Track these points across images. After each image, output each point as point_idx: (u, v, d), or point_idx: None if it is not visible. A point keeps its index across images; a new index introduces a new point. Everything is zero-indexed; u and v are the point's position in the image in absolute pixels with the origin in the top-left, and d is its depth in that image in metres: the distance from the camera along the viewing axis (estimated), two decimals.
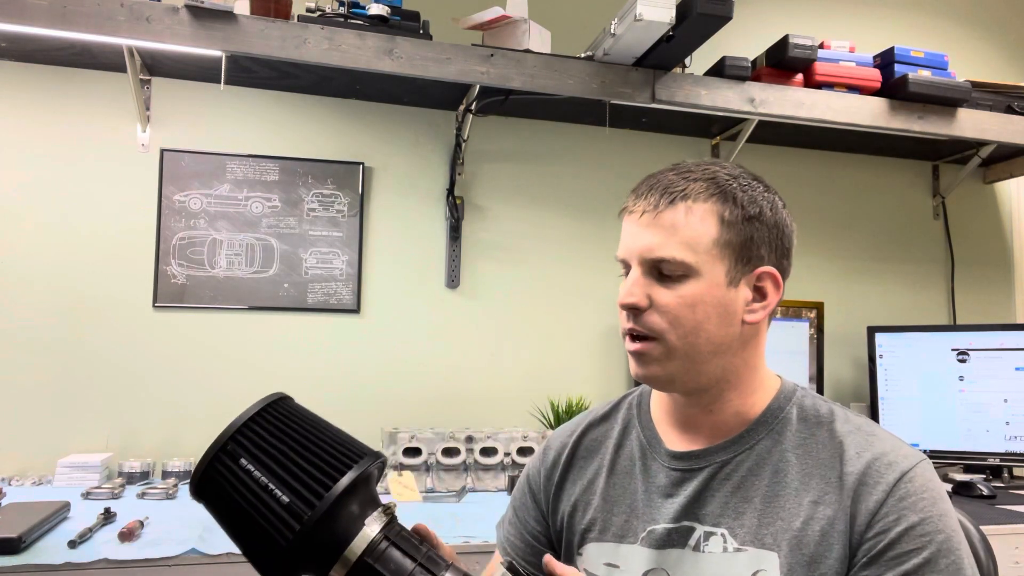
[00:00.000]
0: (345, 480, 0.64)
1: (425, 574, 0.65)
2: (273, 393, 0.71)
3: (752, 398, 0.88)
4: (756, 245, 0.84)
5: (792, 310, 2.45)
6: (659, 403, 0.95)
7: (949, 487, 2.08)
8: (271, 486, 0.63)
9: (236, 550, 1.44)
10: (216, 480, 0.65)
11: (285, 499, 0.63)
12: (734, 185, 0.85)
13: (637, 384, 0.94)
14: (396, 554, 0.66)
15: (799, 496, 0.81)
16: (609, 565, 0.89)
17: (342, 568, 0.64)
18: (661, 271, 0.83)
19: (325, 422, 0.71)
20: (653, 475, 0.90)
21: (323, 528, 0.63)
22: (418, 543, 0.68)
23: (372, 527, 0.65)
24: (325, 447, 0.66)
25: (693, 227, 0.82)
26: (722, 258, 0.83)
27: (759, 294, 0.86)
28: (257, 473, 0.64)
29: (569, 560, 0.95)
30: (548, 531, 0.99)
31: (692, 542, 0.84)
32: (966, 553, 0.77)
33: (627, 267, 0.86)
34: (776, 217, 0.86)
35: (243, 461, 0.64)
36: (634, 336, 0.85)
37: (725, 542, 0.83)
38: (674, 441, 0.91)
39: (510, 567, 0.70)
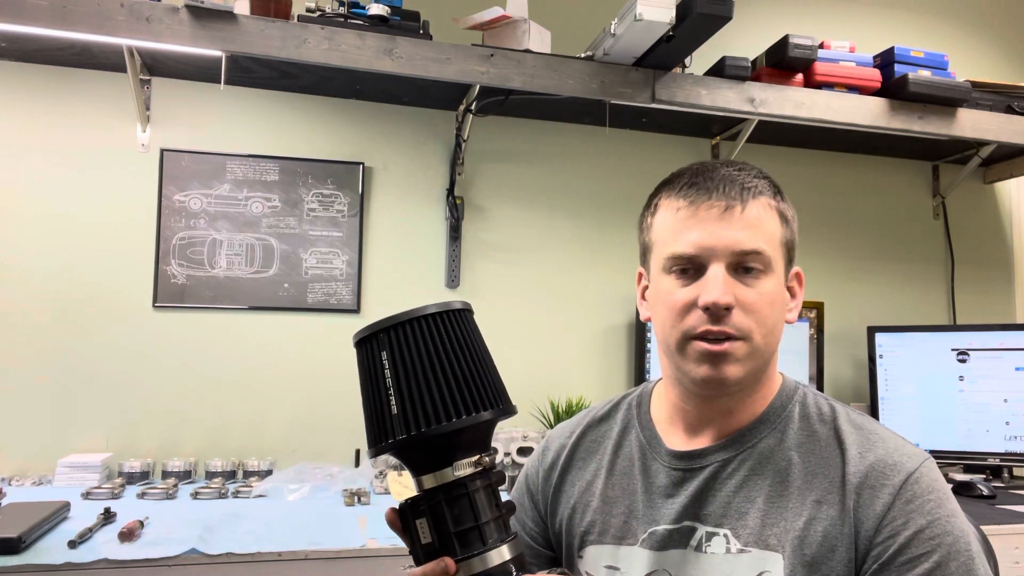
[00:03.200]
0: (451, 425, 0.68)
1: (476, 536, 0.69)
2: (456, 300, 0.74)
3: (760, 396, 0.87)
4: (795, 245, 0.87)
5: None
6: (661, 403, 0.94)
7: (949, 486, 2.08)
8: (391, 392, 0.69)
9: (236, 550, 1.45)
10: (364, 350, 0.71)
11: (395, 410, 0.68)
12: (776, 184, 0.87)
13: (637, 383, 0.94)
14: (465, 504, 0.70)
15: (802, 495, 0.81)
16: (610, 568, 0.89)
17: (429, 481, 0.70)
18: (744, 267, 0.81)
19: (481, 354, 0.74)
20: (653, 475, 0.89)
21: (416, 449, 0.69)
22: (491, 507, 0.71)
23: (457, 471, 0.70)
24: (457, 382, 0.70)
25: (770, 223, 0.84)
26: (783, 256, 0.85)
27: (791, 294, 0.88)
28: (388, 373, 0.69)
29: (570, 563, 0.94)
30: (546, 532, 0.99)
31: (694, 543, 0.84)
32: (977, 552, 0.76)
33: (691, 266, 0.82)
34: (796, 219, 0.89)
35: (384, 355, 0.70)
36: (720, 337, 0.80)
37: (728, 543, 0.82)
38: (674, 440, 0.90)
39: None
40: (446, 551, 0.69)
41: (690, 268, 0.83)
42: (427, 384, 0.68)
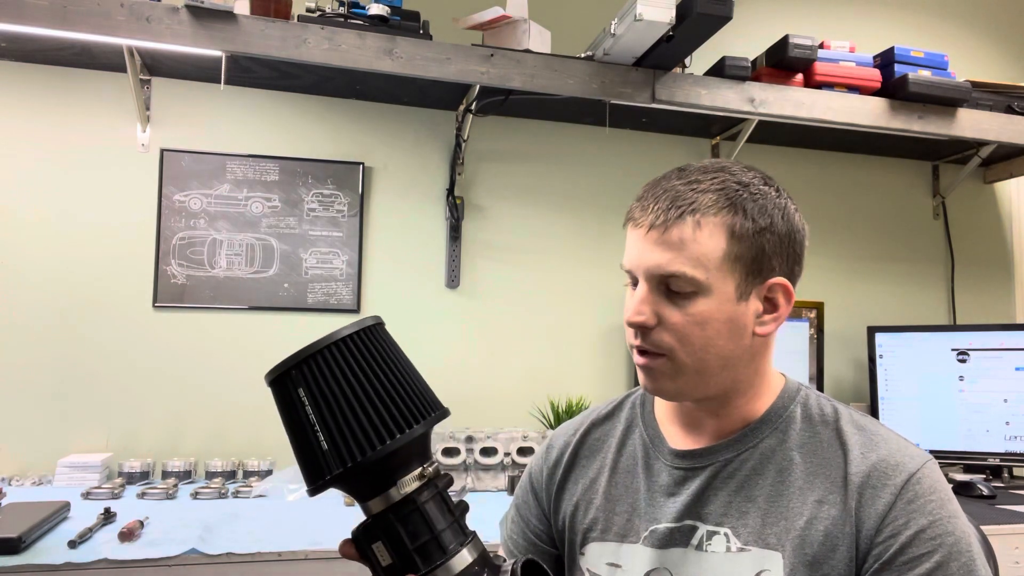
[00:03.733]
0: (386, 448, 0.66)
1: (435, 547, 0.68)
2: (367, 317, 0.72)
3: (758, 400, 0.87)
4: (767, 257, 0.81)
5: (792, 310, 2.45)
6: (663, 402, 0.95)
7: (950, 486, 2.08)
8: (316, 427, 0.66)
9: (236, 550, 1.45)
10: (280, 389, 0.69)
11: (324, 446, 0.66)
12: (744, 195, 0.81)
13: (637, 383, 0.94)
14: (417, 519, 0.69)
15: (803, 495, 0.81)
16: (611, 565, 0.89)
17: (376, 505, 0.69)
18: (669, 287, 0.81)
19: (401, 366, 0.71)
20: (656, 474, 0.90)
21: (355, 478, 0.67)
22: (443, 513, 0.70)
23: (403, 490, 0.69)
24: (383, 403, 0.68)
25: (702, 243, 0.79)
26: (732, 272, 0.80)
27: (770, 305, 0.84)
28: (309, 409, 0.67)
29: (572, 559, 0.95)
30: (550, 530, 0.99)
31: (695, 541, 0.84)
32: (978, 553, 0.77)
33: (633, 278, 0.84)
34: (788, 225, 0.83)
35: (301, 392, 0.67)
36: (642, 351, 0.83)
37: (728, 542, 0.82)
38: (677, 440, 0.90)
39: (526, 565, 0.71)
40: (408, 569, 0.68)
41: (632, 280, 0.85)
42: (352, 413, 0.66)
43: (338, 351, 0.68)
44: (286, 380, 0.68)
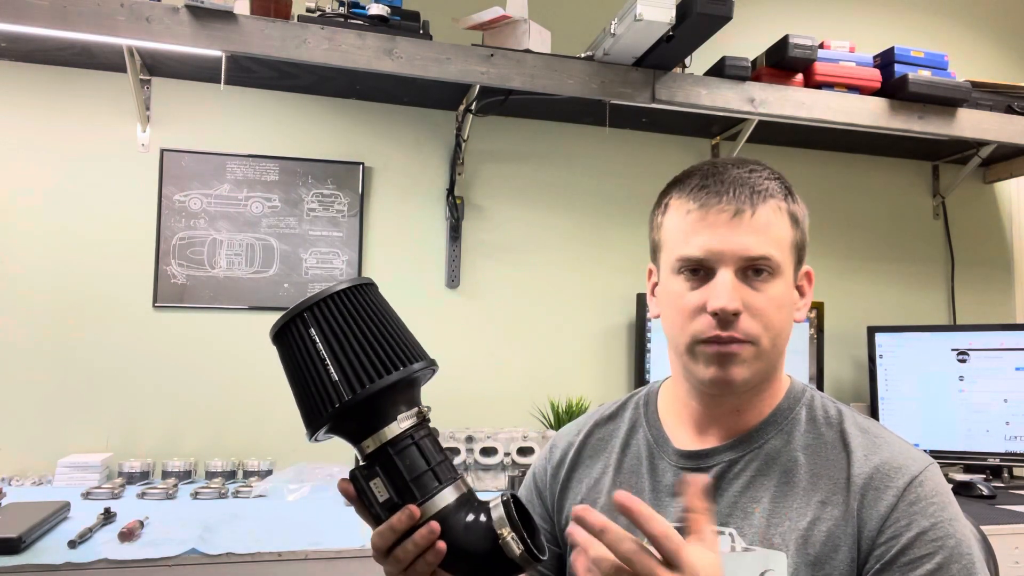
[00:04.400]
0: (390, 378, 0.72)
1: (431, 478, 0.73)
2: (362, 276, 0.79)
3: (769, 396, 0.88)
4: (806, 244, 0.87)
5: None
6: (668, 402, 0.95)
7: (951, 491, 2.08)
8: (328, 361, 0.72)
9: (236, 550, 1.45)
10: (287, 337, 0.75)
11: (335, 376, 0.72)
12: (788, 185, 0.87)
13: (639, 384, 0.94)
14: (414, 452, 0.73)
15: (807, 496, 0.81)
16: None
17: (372, 444, 0.73)
18: (752, 271, 0.81)
19: (396, 318, 0.79)
20: (660, 474, 0.90)
21: (359, 411, 0.72)
22: (436, 451, 0.75)
23: (402, 424, 0.73)
24: (385, 341, 0.74)
25: (780, 226, 0.83)
26: (791, 258, 0.85)
27: (800, 293, 0.88)
28: (320, 346, 0.73)
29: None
30: (554, 529, 0.99)
31: None
32: (978, 557, 0.77)
33: (701, 269, 0.82)
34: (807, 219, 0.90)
35: (312, 331, 0.73)
36: (728, 340, 0.81)
37: (733, 542, 0.82)
38: (682, 440, 0.90)
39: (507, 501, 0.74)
40: (405, 500, 0.72)
41: (700, 271, 0.83)
42: (360, 347, 0.73)
43: (345, 298, 0.75)
44: (297, 322, 0.74)
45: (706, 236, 0.82)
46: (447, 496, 0.73)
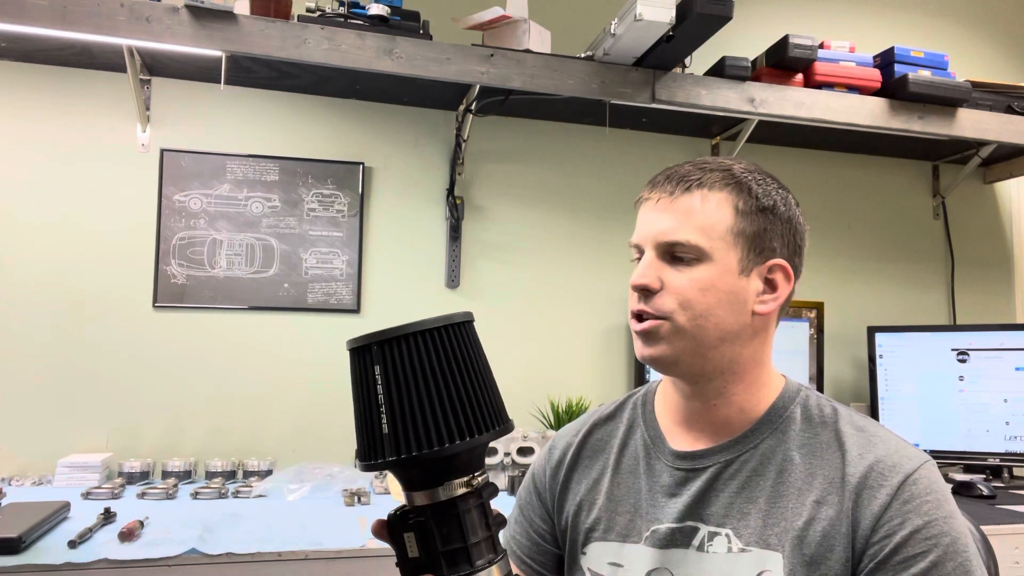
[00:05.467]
0: (444, 451, 0.65)
1: (463, 556, 0.68)
2: (458, 313, 0.70)
3: (757, 395, 0.88)
4: (769, 237, 0.85)
5: (792, 310, 2.45)
6: (664, 402, 0.95)
7: (949, 487, 2.08)
8: (383, 408, 0.66)
9: (236, 550, 1.45)
10: (356, 360, 0.68)
11: (385, 429, 0.66)
12: (748, 178, 0.87)
13: (639, 384, 0.94)
14: (454, 524, 0.68)
15: (802, 496, 0.81)
16: (613, 564, 0.89)
17: (416, 499, 0.68)
18: (675, 254, 0.84)
19: (479, 370, 0.70)
20: (657, 474, 0.90)
21: (405, 467, 0.67)
22: (482, 526, 0.70)
23: (451, 491, 0.68)
24: (452, 404, 0.66)
25: (708, 213, 0.84)
26: (735, 246, 0.84)
27: (770, 286, 0.86)
28: (380, 388, 0.66)
29: (573, 559, 0.95)
30: (554, 530, 0.99)
31: (696, 542, 0.84)
32: (974, 555, 0.76)
33: (641, 252, 0.87)
34: (789, 213, 0.88)
35: (377, 369, 0.66)
36: (643, 316, 0.85)
37: (730, 542, 0.82)
38: (678, 440, 0.90)
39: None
40: (432, 569, 0.68)
41: (640, 256, 0.88)
42: (420, 405, 0.65)
43: (423, 340, 0.66)
44: (366, 353, 0.67)
45: (639, 223, 0.89)
46: None
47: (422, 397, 0.65)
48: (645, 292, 0.85)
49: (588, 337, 2.44)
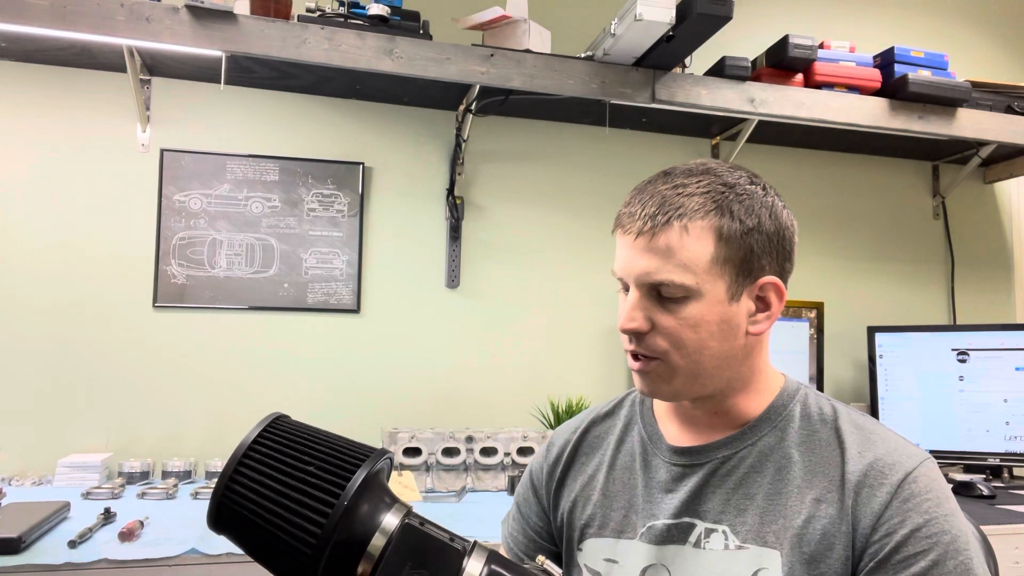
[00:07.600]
0: (358, 477, 0.63)
1: (455, 545, 0.64)
2: (270, 414, 0.69)
3: (756, 396, 0.88)
4: (756, 257, 0.82)
5: (792, 310, 2.45)
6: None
7: (949, 486, 2.08)
8: (284, 500, 0.63)
9: (236, 550, 1.44)
10: (230, 507, 0.64)
11: (301, 510, 0.62)
12: (730, 197, 0.81)
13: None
14: (422, 534, 0.64)
15: (802, 494, 0.81)
16: (608, 560, 0.89)
17: (367, 563, 0.63)
18: (660, 293, 0.82)
19: (324, 432, 0.70)
20: (654, 470, 0.90)
21: (343, 529, 0.63)
22: (440, 527, 0.67)
23: (391, 519, 0.65)
24: (330, 454, 0.66)
25: (689, 248, 0.80)
26: (722, 275, 0.81)
27: (762, 304, 0.84)
28: (267, 491, 0.63)
29: (569, 555, 0.95)
30: (550, 527, 1.00)
31: (692, 538, 0.84)
32: (975, 553, 0.76)
33: (625, 284, 0.86)
34: (775, 223, 0.83)
35: (251, 484, 0.64)
36: (638, 356, 0.84)
37: (727, 539, 0.82)
38: (676, 436, 0.91)
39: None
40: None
41: (625, 288, 0.86)
42: (307, 468, 0.63)
43: (246, 468, 0.64)
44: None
45: (619, 255, 0.87)
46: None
47: (300, 469, 0.64)
48: (636, 335, 0.83)
49: (588, 337, 2.44)
